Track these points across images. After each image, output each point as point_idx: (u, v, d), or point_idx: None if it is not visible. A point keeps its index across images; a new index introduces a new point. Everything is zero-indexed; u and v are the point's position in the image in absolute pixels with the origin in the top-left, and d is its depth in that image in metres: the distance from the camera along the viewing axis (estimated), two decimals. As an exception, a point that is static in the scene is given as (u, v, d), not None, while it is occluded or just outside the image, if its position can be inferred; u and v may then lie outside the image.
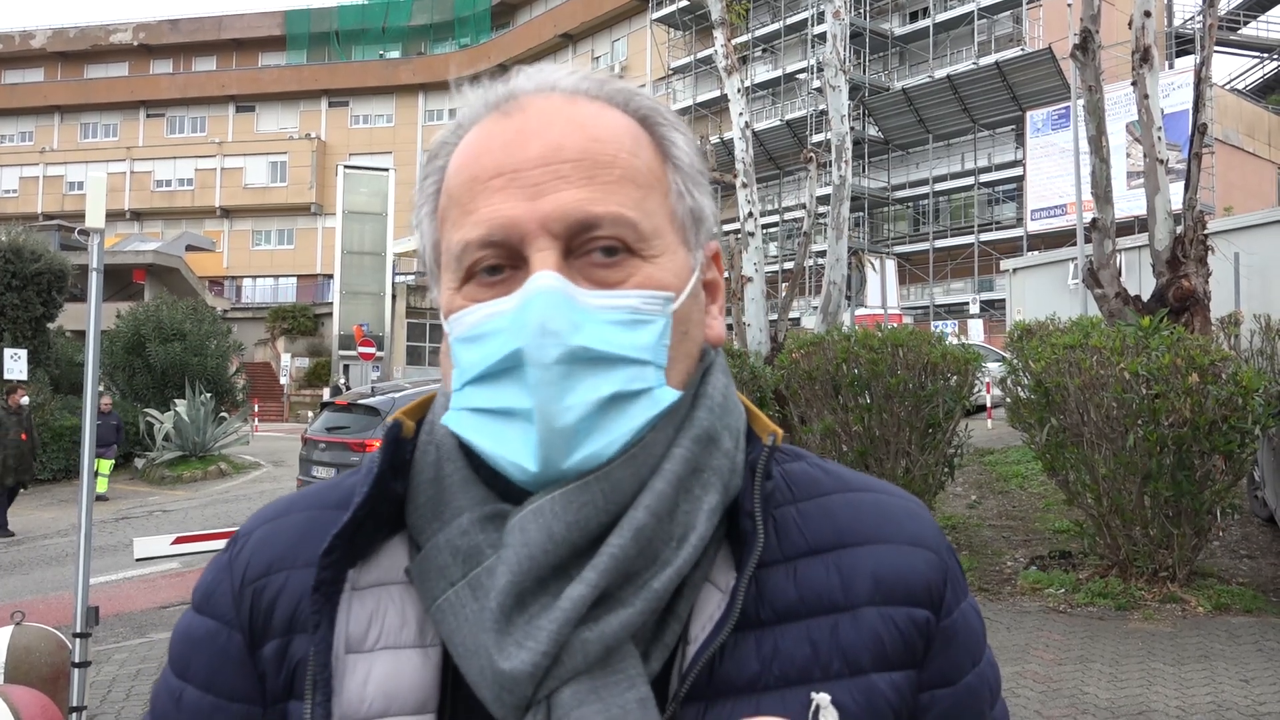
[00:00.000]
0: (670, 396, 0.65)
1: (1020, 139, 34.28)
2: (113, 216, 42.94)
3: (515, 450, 0.62)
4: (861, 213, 38.11)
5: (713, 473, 0.67)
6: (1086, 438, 6.71)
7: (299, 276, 53.31)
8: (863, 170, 37.46)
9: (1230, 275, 12.47)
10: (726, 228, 18.75)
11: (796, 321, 26.68)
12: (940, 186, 37.78)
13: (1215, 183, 29.53)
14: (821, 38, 31.16)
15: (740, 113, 12.16)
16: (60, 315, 20.23)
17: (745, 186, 11.98)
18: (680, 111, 23.04)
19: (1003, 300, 25.65)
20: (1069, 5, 19.04)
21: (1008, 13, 36.01)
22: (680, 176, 0.72)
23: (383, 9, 56.30)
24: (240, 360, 26.30)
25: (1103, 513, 6.81)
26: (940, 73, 35.71)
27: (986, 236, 35.84)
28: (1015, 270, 21.13)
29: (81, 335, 8.55)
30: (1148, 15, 8.63)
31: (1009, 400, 7.95)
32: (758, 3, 37.52)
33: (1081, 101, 9.28)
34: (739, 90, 12.25)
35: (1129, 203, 19.45)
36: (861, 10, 36.89)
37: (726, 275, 6.55)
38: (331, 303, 37.38)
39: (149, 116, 57.63)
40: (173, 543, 4.75)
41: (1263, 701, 4.81)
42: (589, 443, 0.62)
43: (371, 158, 49.63)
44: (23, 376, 14.24)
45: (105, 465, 15.96)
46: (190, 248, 47.31)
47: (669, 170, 0.72)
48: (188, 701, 0.71)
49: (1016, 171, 34.77)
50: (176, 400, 19.40)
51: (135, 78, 57.92)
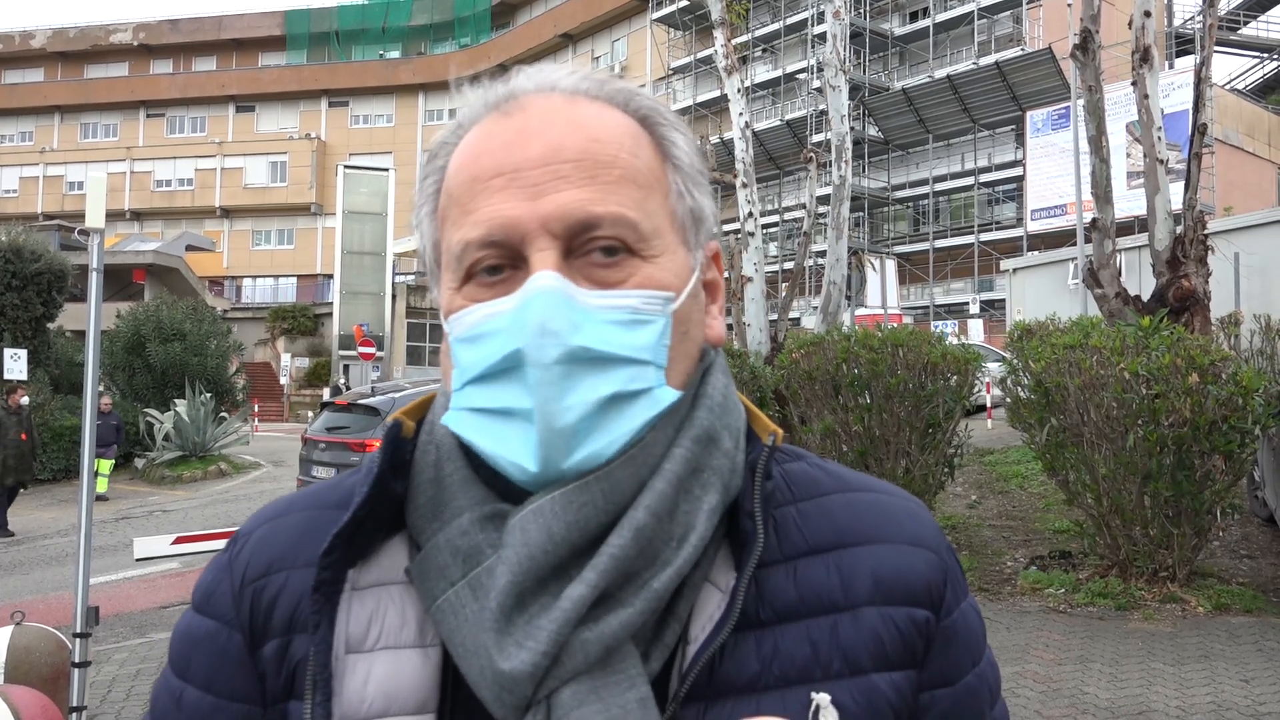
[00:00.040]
0: (670, 396, 0.65)
1: (1020, 139, 34.28)
2: (113, 216, 42.94)
3: (515, 450, 0.62)
4: (861, 213, 38.11)
5: (713, 473, 0.67)
6: (1086, 438, 6.71)
7: (299, 276, 53.33)
8: (863, 170, 37.45)
9: (1230, 275, 12.47)
10: (726, 228, 18.74)
11: (796, 321, 26.67)
12: (940, 186, 37.77)
13: (1215, 183, 29.53)
14: (821, 38, 31.16)
15: (740, 113, 12.16)
16: (60, 315, 20.23)
17: (745, 186, 11.98)
18: (680, 111, 23.03)
19: (1003, 300, 25.65)
20: (1069, 5, 19.04)
21: (1008, 13, 36.01)
22: (680, 176, 0.72)
23: (383, 9, 56.30)
24: (240, 360, 26.29)
25: (1103, 513, 6.81)
26: (940, 73, 35.70)
27: (986, 236, 35.84)
28: (1015, 270, 21.13)
29: (81, 335, 8.55)
30: (1148, 15, 8.63)
31: (1009, 400, 7.95)
32: (758, 3, 37.51)
33: (1081, 101, 9.28)
34: (739, 90, 12.25)
35: (1129, 203, 19.45)
36: (861, 10, 36.88)
37: (726, 275, 6.55)
38: (331, 303, 37.41)
39: (149, 116, 57.65)
40: (173, 543, 4.75)
41: (1263, 701, 4.81)
42: (589, 443, 0.62)
43: (371, 158, 49.64)
44: (23, 376, 14.24)
45: (105, 465, 15.96)
46: (190, 248, 47.34)
47: (669, 170, 0.72)
48: (188, 701, 0.71)
49: (1016, 171, 34.77)
50: (176, 400, 19.41)
51: (135, 78, 57.95)
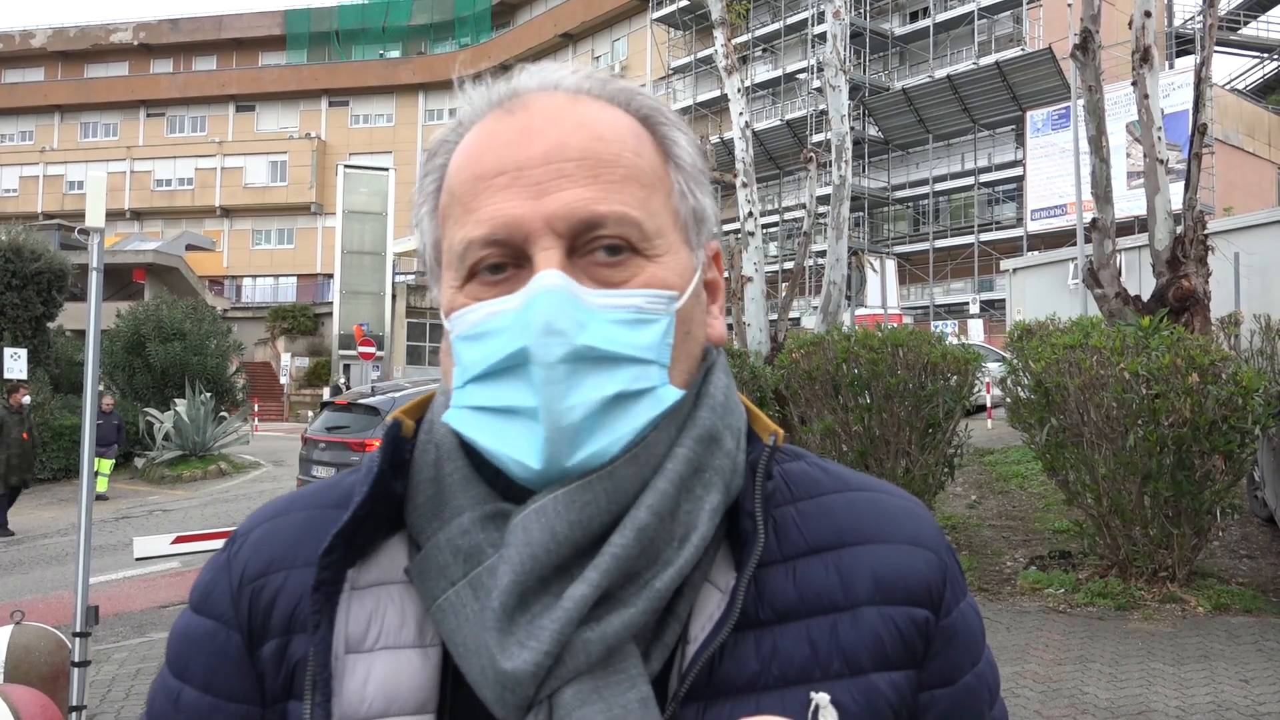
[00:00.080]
0: (673, 396, 0.65)
1: (1020, 139, 34.28)
2: (113, 216, 42.99)
3: (519, 448, 0.62)
4: (861, 213, 38.11)
5: (714, 472, 0.67)
6: (1086, 438, 6.71)
7: (299, 276, 53.34)
8: (863, 170, 37.46)
9: (1230, 275, 12.47)
10: (726, 228, 18.74)
11: (796, 321, 26.67)
12: (940, 186, 37.78)
13: (1215, 183, 29.53)
14: (821, 38, 31.17)
15: (740, 112, 12.16)
16: (60, 315, 20.23)
17: (745, 186, 11.98)
18: (680, 111, 22.97)
19: (1003, 300, 25.65)
20: (1069, 5, 19.04)
21: (1008, 13, 36.01)
22: (682, 176, 0.72)
23: (383, 9, 56.30)
24: (240, 360, 26.27)
25: (1103, 513, 6.80)
26: (940, 73, 35.71)
27: (986, 236, 35.85)
28: (1015, 270, 21.13)
29: (81, 335, 8.55)
30: (1148, 15, 8.63)
31: (1009, 400, 7.95)
32: (758, 3, 37.49)
33: (1081, 101, 9.28)
34: (739, 90, 12.25)
35: (1129, 203, 19.45)
36: (861, 10, 36.89)
37: (726, 275, 6.56)
38: (331, 302, 37.40)
39: (149, 116, 57.65)
40: (172, 542, 4.74)
41: (1263, 701, 4.81)
42: (592, 441, 0.62)
43: (371, 157, 49.64)
44: (23, 376, 14.23)
45: (105, 465, 15.96)
46: (190, 247, 47.36)
47: (671, 170, 0.71)
48: (186, 702, 0.70)
49: (1016, 171, 34.77)
50: (176, 400, 19.41)
51: (135, 77, 57.95)
